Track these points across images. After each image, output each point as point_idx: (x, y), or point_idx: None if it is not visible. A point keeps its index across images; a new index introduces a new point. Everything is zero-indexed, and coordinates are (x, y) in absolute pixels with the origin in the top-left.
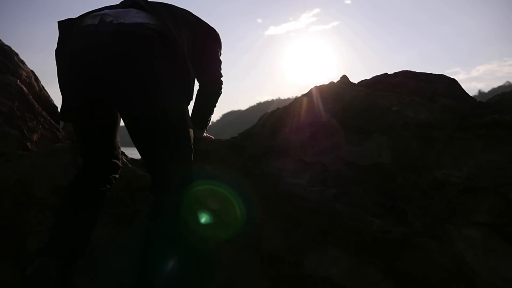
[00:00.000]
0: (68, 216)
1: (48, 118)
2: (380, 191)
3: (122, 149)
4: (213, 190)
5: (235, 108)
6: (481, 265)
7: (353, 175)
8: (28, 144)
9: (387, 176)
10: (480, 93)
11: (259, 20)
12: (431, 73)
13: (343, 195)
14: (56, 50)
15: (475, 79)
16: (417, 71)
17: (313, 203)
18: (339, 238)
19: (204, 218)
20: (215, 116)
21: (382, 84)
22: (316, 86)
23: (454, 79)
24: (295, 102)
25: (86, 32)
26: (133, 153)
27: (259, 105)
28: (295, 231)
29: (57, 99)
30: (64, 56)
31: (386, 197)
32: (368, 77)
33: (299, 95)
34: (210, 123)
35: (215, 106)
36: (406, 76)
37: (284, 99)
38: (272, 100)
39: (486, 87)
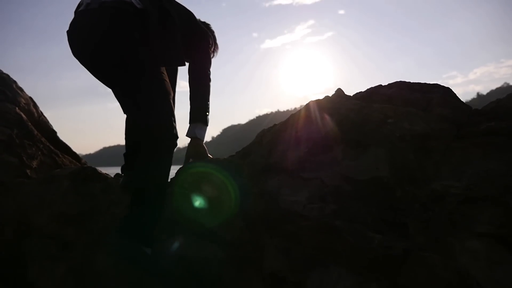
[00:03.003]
0: None
1: (47, 144)
2: (380, 205)
3: (113, 169)
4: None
5: (235, 123)
6: (485, 277)
7: (352, 190)
8: (28, 171)
9: (386, 189)
10: (479, 95)
11: (255, 34)
12: (425, 83)
13: (343, 211)
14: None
15: (473, 82)
16: (411, 81)
17: (313, 220)
18: (341, 255)
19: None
20: (215, 131)
21: (377, 96)
22: (311, 101)
23: (448, 88)
24: (291, 118)
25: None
26: None
27: (259, 118)
28: (296, 250)
29: (55, 123)
30: (70, 35)
31: (386, 211)
32: (367, 85)
33: (298, 106)
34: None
35: (209, 93)
36: (400, 87)
37: (283, 111)
38: (271, 113)
39: (484, 89)
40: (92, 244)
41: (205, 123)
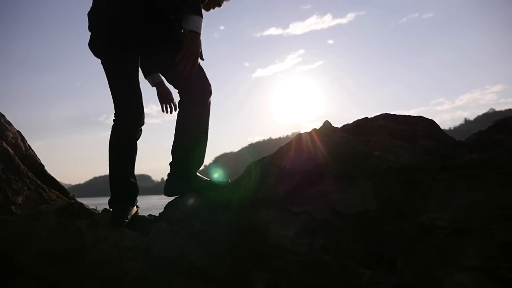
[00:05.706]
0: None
1: (34, 178)
2: (368, 239)
3: (103, 199)
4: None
5: (227, 150)
6: None
7: (340, 224)
8: (13, 207)
9: (374, 223)
10: (466, 121)
11: (246, 64)
12: (409, 115)
13: (332, 246)
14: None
15: (460, 108)
16: (397, 114)
17: (302, 255)
18: None
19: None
20: (207, 159)
21: (363, 128)
22: (299, 133)
23: (432, 120)
24: (280, 151)
25: None
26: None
27: (251, 146)
28: (285, 286)
29: (46, 153)
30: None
31: (374, 245)
32: (358, 111)
33: (290, 134)
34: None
35: None
36: (386, 120)
37: (276, 139)
38: (264, 141)
39: (471, 115)
40: (78, 283)
41: (196, 13)
